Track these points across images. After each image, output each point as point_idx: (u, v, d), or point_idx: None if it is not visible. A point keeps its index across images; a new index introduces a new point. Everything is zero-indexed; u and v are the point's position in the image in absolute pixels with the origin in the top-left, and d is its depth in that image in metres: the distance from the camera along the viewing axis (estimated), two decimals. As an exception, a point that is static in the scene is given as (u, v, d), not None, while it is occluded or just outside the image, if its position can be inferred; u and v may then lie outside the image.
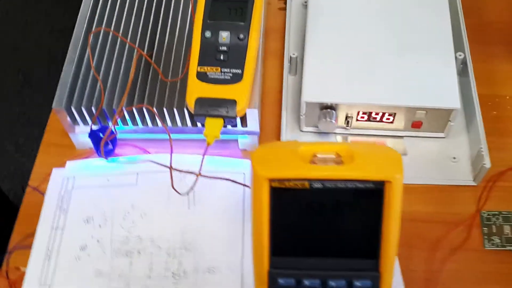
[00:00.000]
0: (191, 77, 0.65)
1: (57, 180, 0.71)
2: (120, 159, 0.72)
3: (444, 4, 0.78)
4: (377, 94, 0.70)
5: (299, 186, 0.45)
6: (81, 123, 0.70)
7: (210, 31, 0.67)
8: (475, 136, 0.71)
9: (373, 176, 0.44)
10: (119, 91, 0.69)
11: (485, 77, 0.79)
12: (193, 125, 0.70)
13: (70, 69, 0.70)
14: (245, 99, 0.65)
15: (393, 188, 0.44)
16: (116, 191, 0.70)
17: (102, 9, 0.76)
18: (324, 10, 0.78)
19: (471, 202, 0.69)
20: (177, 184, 0.67)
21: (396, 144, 0.73)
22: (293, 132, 0.75)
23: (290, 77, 0.80)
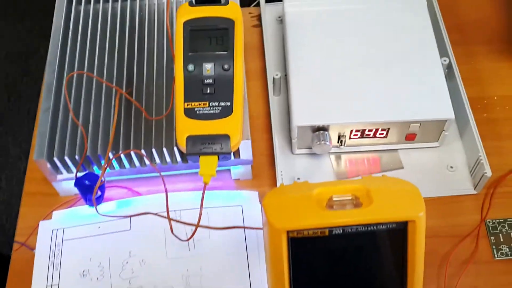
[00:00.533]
0: (178, 115, 0.62)
1: (46, 234, 0.67)
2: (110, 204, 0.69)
3: (423, 9, 0.77)
4: (369, 111, 0.68)
5: (318, 234, 0.42)
6: (65, 171, 0.67)
7: (193, 64, 0.64)
8: (469, 142, 0.70)
9: (395, 217, 0.42)
10: (102, 134, 0.66)
11: (470, 79, 0.78)
12: (184, 162, 0.67)
13: (46, 118, 0.66)
14: (238, 132, 0.62)
15: (416, 226, 0.42)
16: (109, 239, 0.66)
17: (71, 51, 0.72)
18: (302, 26, 0.76)
19: (475, 212, 0.68)
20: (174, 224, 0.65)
21: (391, 158, 0.72)
22: (286, 156, 0.73)
23: (274, 97, 0.77)
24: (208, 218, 0.67)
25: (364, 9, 0.77)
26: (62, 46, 0.73)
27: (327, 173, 0.71)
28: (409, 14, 0.76)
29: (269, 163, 0.73)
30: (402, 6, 0.77)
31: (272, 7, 0.85)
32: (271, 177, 0.72)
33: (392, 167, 0.71)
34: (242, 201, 0.68)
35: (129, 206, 0.68)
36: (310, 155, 0.72)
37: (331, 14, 0.76)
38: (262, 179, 0.72)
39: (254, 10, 0.88)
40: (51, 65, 0.71)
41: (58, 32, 0.74)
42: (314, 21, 0.76)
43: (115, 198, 0.71)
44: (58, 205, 0.70)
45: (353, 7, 0.77)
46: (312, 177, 0.71)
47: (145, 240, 0.66)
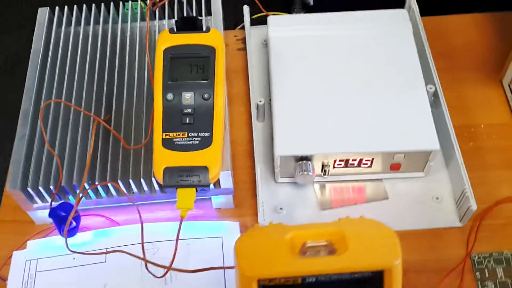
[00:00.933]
0: (156, 146, 0.61)
1: (19, 264, 0.65)
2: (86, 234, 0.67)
3: (409, 36, 0.75)
4: (353, 141, 0.67)
5: (291, 282, 0.41)
6: (39, 201, 0.65)
7: (172, 93, 0.62)
8: (455, 173, 0.69)
9: (371, 266, 0.40)
10: (79, 163, 0.64)
11: (457, 106, 0.77)
12: (162, 192, 0.65)
13: (22, 145, 0.65)
14: (217, 164, 0.60)
15: (393, 275, 0.41)
16: (84, 271, 0.64)
17: (50, 75, 0.70)
18: (286, 52, 0.75)
19: (460, 245, 0.66)
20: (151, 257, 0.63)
21: (376, 187, 0.70)
22: (269, 184, 0.71)
23: (258, 123, 0.76)
24: (188, 249, 0.65)
25: (350, 35, 0.75)
26: (41, 70, 0.71)
27: (311, 202, 0.70)
28: (395, 40, 0.75)
29: (252, 192, 0.71)
30: (388, 32, 0.75)
31: (257, 30, 0.84)
32: (253, 206, 0.70)
33: (377, 197, 0.70)
34: (223, 232, 0.67)
35: (105, 237, 0.67)
36: (294, 184, 0.71)
37: (316, 40, 0.75)
38: (244, 208, 0.70)
39: (239, 33, 0.86)
40: (29, 91, 0.69)
41: (37, 56, 0.72)
42: (299, 48, 0.75)
43: (92, 227, 0.69)
44: (33, 234, 0.69)
45: (338, 32, 0.76)
46: (295, 207, 0.69)
47: (120, 273, 0.64)
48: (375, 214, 0.67)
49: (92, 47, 0.73)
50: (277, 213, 0.69)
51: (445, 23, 0.86)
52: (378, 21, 0.76)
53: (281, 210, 0.69)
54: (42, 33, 0.74)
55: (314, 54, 0.74)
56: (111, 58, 0.72)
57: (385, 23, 0.76)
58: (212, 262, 0.64)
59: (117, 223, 0.69)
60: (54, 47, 0.73)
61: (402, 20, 0.77)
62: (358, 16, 0.77)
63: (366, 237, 0.42)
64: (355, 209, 0.69)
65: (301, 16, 0.79)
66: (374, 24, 0.76)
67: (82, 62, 0.72)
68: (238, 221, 0.68)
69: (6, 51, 1.88)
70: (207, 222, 0.68)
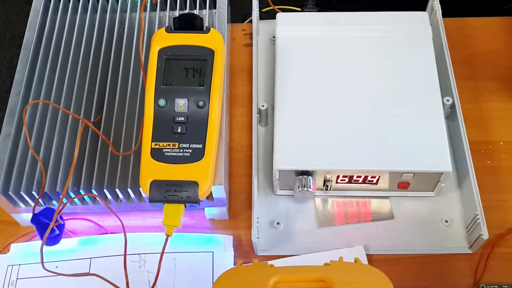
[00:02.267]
0: (144, 156, 0.56)
1: (0, 270, 0.62)
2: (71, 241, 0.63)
3: (428, 42, 0.70)
4: (358, 158, 0.62)
5: (270, 336, 0.37)
6: (23, 204, 0.61)
7: (165, 98, 0.58)
8: (468, 195, 0.64)
9: (360, 325, 0.36)
10: (64, 169, 0.60)
11: (475, 120, 0.71)
12: (150, 202, 0.61)
13: (6, 146, 0.61)
14: (208, 180, 0.56)
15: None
16: (66, 281, 0.61)
17: (39, 78, 0.66)
18: (293, 54, 0.69)
19: (467, 274, 0.62)
20: (136, 270, 0.60)
21: (381, 205, 0.66)
22: (267, 196, 0.67)
23: (260, 128, 0.71)
24: (174, 264, 0.61)
25: (363, 38, 0.70)
26: (32, 63, 0.67)
27: (311, 218, 0.65)
28: (412, 47, 0.69)
29: (249, 203, 0.66)
30: (405, 36, 0.70)
31: (266, 24, 0.79)
32: (249, 219, 0.65)
33: (382, 217, 0.65)
34: (214, 246, 0.63)
35: (91, 245, 0.63)
36: (293, 197, 0.66)
37: (326, 42, 0.70)
38: (240, 220, 0.66)
39: (247, 27, 0.81)
40: (17, 85, 0.65)
41: (29, 47, 0.68)
42: (307, 49, 0.69)
43: (78, 232, 0.66)
44: (17, 236, 0.65)
45: (351, 34, 0.70)
46: (293, 222, 0.65)
47: (104, 285, 0.60)
48: (379, 234, 0.64)
49: (87, 40, 0.69)
50: (274, 228, 0.65)
51: (468, 26, 0.80)
52: (396, 24, 0.71)
53: (278, 225, 0.65)
54: (36, 21, 0.70)
55: (323, 58, 0.69)
56: (106, 51, 0.68)
57: (403, 27, 0.70)
58: (201, 280, 0.60)
59: (105, 228, 0.65)
60: (48, 38, 0.69)
61: (422, 24, 0.71)
62: (374, 18, 0.71)
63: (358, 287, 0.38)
64: (357, 228, 0.65)
65: (312, 15, 0.73)
66: (390, 27, 0.70)
67: (75, 55, 0.68)
68: (232, 235, 0.64)
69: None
70: (198, 234, 0.64)
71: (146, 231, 0.65)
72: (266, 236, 0.64)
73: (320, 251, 0.63)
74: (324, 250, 0.63)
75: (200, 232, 0.65)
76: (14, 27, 1.83)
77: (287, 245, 0.64)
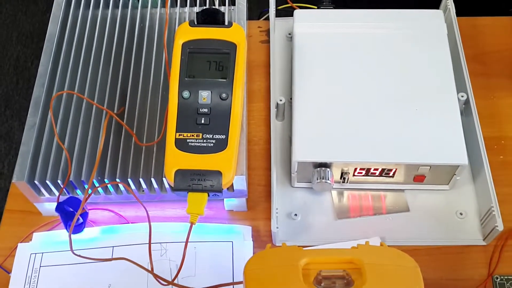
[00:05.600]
0: (169, 146, 0.58)
1: (23, 257, 0.64)
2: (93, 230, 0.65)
3: (443, 38, 0.71)
4: (376, 151, 0.63)
5: (302, 315, 0.38)
6: (47, 194, 0.63)
7: (189, 90, 0.59)
8: (482, 188, 0.65)
9: (390, 304, 0.37)
10: (88, 158, 0.61)
11: (489, 116, 0.73)
12: (173, 191, 0.62)
13: (31, 136, 0.62)
14: (232, 169, 0.57)
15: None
16: (89, 269, 0.62)
17: (65, 61, 0.68)
18: (311, 50, 0.71)
19: (482, 265, 0.63)
20: (158, 258, 0.61)
21: (397, 198, 0.67)
22: (285, 189, 0.68)
23: (277, 122, 0.72)
24: (195, 253, 0.63)
25: (380, 35, 0.71)
26: (55, 55, 0.68)
27: (327, 210, 0.67)
28: (428, 43, 0.70)
29: (267, 195, 0.68)
30: (421, 33, 0.71)
31: (282, 22, 0.80)
32: (267, 210, 0.67)
33: (397, 209, 0.66)
34: (234, 236, 0.64)
35: (113, 234, 0.64)
36: (310, 189, 0.68)
37: (343, 38, 0.71)
38: (257, 212, 0.68)
39: (263, 24, 0.83)
40: (41, 77, 0.67)
41: (52, 40, 0.70)
42: (325, 46, 0.71)
43: (100, 221, 0.67)
44: (39, 226, 0.67)
45: (368, 31, 0.71)
46: (310, 214, 0.66)
47: (126, 274, 0.62)
48: (395, 227, 0.65)
49: (109, 34, 0.70)
50: (291, 219, 0.66)
51: (480, 24, 0.82)
52: (411, 21, 0.72)
53: (296, 217, 0.66)
54: (59, 15, 0.72)
55: (341, 54, 0.70)
56: (128, 46, 0.69)
57: (418, 24, 0.72)
58: (221, 268, 0.61)
59: (126, 219, 0.67)
60: (70, 31, 0.70)
61: (436, 21, 0.72)
62: (389, 15, 0.73)
63: (386, 270, 0.39)
64: (373, 220, 0.66)
65: (329, 12, 0.75)
66: (406, 24, 0.72)
67: (98, 49, 0.69)
68: (250, 225, 0.65)
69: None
70: (217, 224, 0.65)
71: (165, 222, 0.66)
72: (284, 227, 0.65)
73: (337, 242, 0.64)
74: (341, 241, 0.64)
75: (219, 222, 0.66)
76: (21, 25, 1.84)
77: (305, 236, 0.65)
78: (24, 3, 1.90)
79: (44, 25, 0.68)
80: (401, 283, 0.38)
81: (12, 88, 1.71)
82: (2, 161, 1.60)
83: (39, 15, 1.84)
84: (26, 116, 0.63)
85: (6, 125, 1.65)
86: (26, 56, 1.77)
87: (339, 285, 0.38)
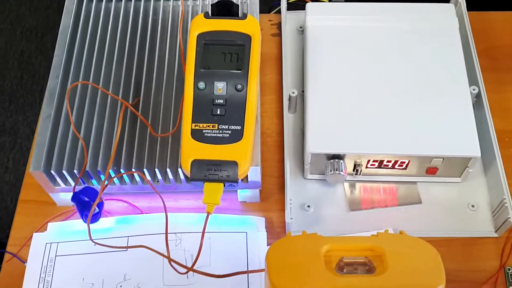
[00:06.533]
0: (185, 136, 0.58)
1: (39, 247, 0.64)
2: (108, 221, 0.65)
3: (455, 32, 0.72)
4: (389, 142, 0.64)
5: (325, 300, 0.38)
6: (62, 184, 0.63)
7: (204, 81, 0.60)
8: (494, 181, 0.66)
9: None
10: (104, 148, 0.62)
11: (500, 109, 0.73)
12: (188, 182, 0.63)
13: (46, 127, 0.63)
14: (247, 159, 0.58)
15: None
16: (104, 258, 0.63)
17: (78, 53, 0.68)
18: (323, 43, 0.71)
19: (494, 257, 0.64)
20: (173, 248, 0.61)
21: (409, 191, 0.68)
22: (297, 180, 0.68)
23: (289, 115, 0.73)
24: (210, 243, 0.63)
25: (392, 28, 0.72)
26: (69, 47, 0.69)
27: (340, 202, 0.67)
28: (440, 36, 0.71)
29: (279, 187, 0.69)
30: (433, 27, 0.72)
31: (293, 15, 0.81)
32: (280, 202, 0.68)
33: (410, 201, 0.67)
34: (247, 227, 0.65)
35: (127, 224, 0.65)
36: (323, 181, 0.68)
37: (355, 31, 0.72)
38: (270, 203, 0.68)
39: (274, 18, 0.83)
40: (56, 69, 0.67)
41: (66, 32, 0.70)
42: (337, 38, 0.71)
43: (114, 212, 0.67)
44: (54, 216, 0.67)
45: (380, 25, 0.72)
46: (323, 205, 0.67)
47: (141, 263, 0.62)
48: (407, 218, 0.65)
49: (123, 26, 0.70)
50: (304, 210, 0.66)
51: (490, 19, 0.82)
52: (423, 14, 0.73)
53: (309, 208, 0.66)
54: (72, 8, 0.72)
55: (353, 46, 0.71)
56: (142, 39, 0.70)
57: (430, 17, 0.72)
58: (236, 258, 0.62)
59: (140, 209, 0.67)
60: (84, 24, 0.71)
61: (448, 15, 0.73)
62: (402, 8, 0.73)
63: (407, 257, 0.40)
64: (385, 212, 0.66)
65: (341, 5, 0.75)
66: (418, 17, 0.72)
67: (111, 42, 0.69)
68: (263, 217, 0.66)
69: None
70: (231, 215, 0.66)
71: (179, 212, 0.66)
72: (297, 218, 0.66)
73: (350, 233, 0.64)
74: (354, 233, 0.64)
75: (233, 214, 0.67)
76: (25, 20, 1.84)
77: (318, 227, 0.66)
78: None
79: (48, 20, 0.68)
80: (423, 270, 0.39)
81: (17, 83, 1.71)
82: (7, 155, 1.60)
83: (43, 10, 1.84)
84: (30, 110, 0.63)
85: (10, 120, 1.65)
86: (30, 51, 1.77)
87: (361, 271, 0.39)
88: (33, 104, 1.65)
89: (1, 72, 1.75)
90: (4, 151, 1.61)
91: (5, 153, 1.61)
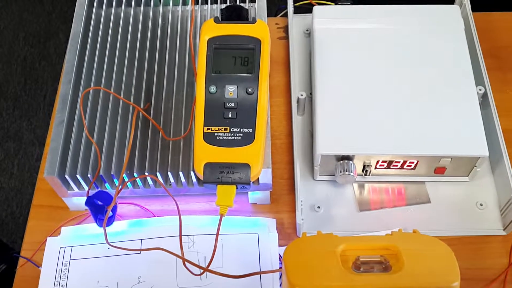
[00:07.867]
0: (197, 139, 0.59)
1: (53, 251, 0.65)
2: (121, 224, 0.66)
3: (460, 33, 0.72)
4: (398, 143, 0.64)
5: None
6: (76, 188, 0.64)
7: (215, 85, 0.61)
8: (502, 179, 0.66)
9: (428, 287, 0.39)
10: (117, 152, 0.63)
11: (505, 109, 0.74)
12: (200, 185, 0.64)
13: (60, 132, 0.63)
14: (259, 162, 0.59)
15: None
16: (118, 261, 0.64)
17: (90, 59, 0.69)
18: (331, 45, 0.72)
19: (502, 255, 0.65)
20: (186, 250, 0.62)
21: (418, 190, 0.68)
22: (307, 181, 0.69)
23: (297, 117, 0.74)
24: (222, 245, 0.64)
25: (399, 30, 0.72)
26: (80, 53, 0.70)
27: (349, 202, 0.68)
28: (446, 37, 0.72)
29: (289, 188, 0.70)
30: (438, 28, 0.72)
31: (299, 18, 0.82)
32: (290, 203, 0.68)
33: (418, 201, 0.68)
34: (259, 228, 0.65)
35: (141, 227, 0.66)
36: (332, 182, 0.69)
37: (362, 34, 0.72)
38: (280, 205, 0.69)
39: (280, 21, 0.84)
40: (68, 75, 0.68)
41: (76, 38, 0.71)
42: (344, 41, 0.72)
43: (126, 216, 0.68)
44: (67, 220, 0.68)
45: (387, 26, 0.73)
46: (333, 206, 0.68)
47: (155, 266, 0.63)
48: (416, 218, 0.66)
49: (133, 31, 0.71)
50: (314, 211, 0.67)
51: (495, 20, 0.83)
52: (429, 16, 0.73)
53: (319, 209, 0.67)
54: (82, 14, 0.73)
55: (360, 49, 0.72)
56: (152, 44, 0.70)
57: (436, 19, 0.73)
58: (248, 259, 0.63)
59: (152, 212, 0.68)
60: (94, 30, 0.72)
61: (454, 16, 0.73)
62: (408, 10, 0.74)
63: (422, 255, 0.41)
64: (395, 212, 0.67)
65: (348, 8, 0.76)
66: (424, 19, 0.73)
67: (122, 47, 0.70)
68: (274, 218, 0.67)
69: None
70: (243, 217, 0.67)
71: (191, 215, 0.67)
72: (308, 219, 0.67)
73: (361, 233, 0.65)
74: (365, 233, 0.65)
75: (243, 215, 0.68)
76: (27, 26, 1.85)
77: (328, 228, 0.66)
78: (30, 3, 1.91)
79: (51, 26, 0.69)
80: (438, 267, 0.40)
81: (20, 89, 1.72)
82: (11, 161, 1.61)
83: (45, 15, 1.85)
84: (35, 116, 0.64)
85: (14, 125, 1.66)
86: (33, 57, 1.78)
87: (378, 270, 0.40)
88: (37, 110, 1.66)
89: (5, 78, 1.76)
90: (9, 156, 1.61)
91: (10, 159, 1.62)
